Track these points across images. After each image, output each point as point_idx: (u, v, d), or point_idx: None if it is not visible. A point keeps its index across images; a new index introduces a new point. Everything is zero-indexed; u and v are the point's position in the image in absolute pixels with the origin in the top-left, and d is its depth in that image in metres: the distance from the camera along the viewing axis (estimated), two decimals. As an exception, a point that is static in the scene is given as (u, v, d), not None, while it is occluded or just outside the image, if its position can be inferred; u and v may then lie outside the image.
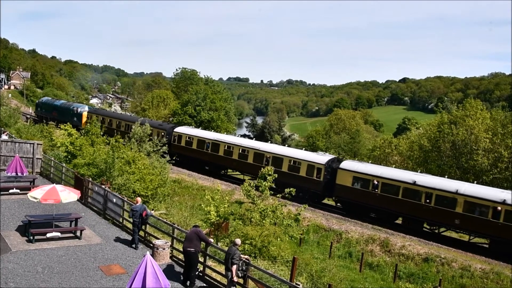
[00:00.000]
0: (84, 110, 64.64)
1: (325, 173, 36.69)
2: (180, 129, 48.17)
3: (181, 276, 15.22)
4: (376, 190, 33.97)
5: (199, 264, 15.92)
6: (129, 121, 53.42)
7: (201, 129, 53.20)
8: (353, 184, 35.27)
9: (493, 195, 29.72)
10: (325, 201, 40.30)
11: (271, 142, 53.14)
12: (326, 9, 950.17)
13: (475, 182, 34.45)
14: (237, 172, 46.01)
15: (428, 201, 31.72)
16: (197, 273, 15.18)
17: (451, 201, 30.70)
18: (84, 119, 61.34)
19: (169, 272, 15.52)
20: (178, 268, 16.37)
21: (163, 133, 47.27)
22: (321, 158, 38.18)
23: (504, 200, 28.87)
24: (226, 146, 43.65)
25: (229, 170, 46.62)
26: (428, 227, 34.05)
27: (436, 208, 31.29)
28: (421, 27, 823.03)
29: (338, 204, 38.35)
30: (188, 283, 14.75)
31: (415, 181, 32.48)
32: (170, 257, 17.05)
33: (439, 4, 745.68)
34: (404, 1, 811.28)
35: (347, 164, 36.88)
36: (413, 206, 32.25)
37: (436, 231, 33.63)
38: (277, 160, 39.19)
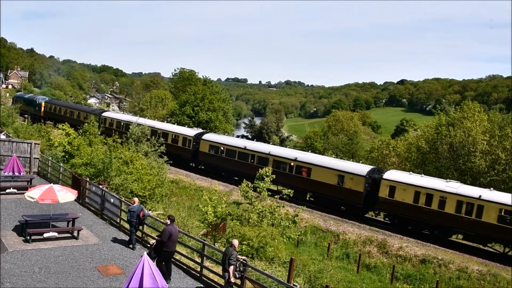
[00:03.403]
0: (44, 100, 75.76)
1: (194, 144, 47.00)
2: (105, 114, 60.74)
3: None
4: (223, 155, 44.05)
5: (196, 265, 16.13)
6: (77, 109, 66.89)
7: (123, 113, 63.03)
8: (209, 150, 45.68)
9: (289, 155, 40.33)
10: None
11: (272, 143, 55.35)
12: (324, 10, 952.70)
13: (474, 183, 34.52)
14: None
15: (252, 161, 41.68)
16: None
17: (266, 160, 40.59)
18: (42, 108, 73.63)
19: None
20: (175, 269, 16.33)
21: (94, 117, 58.94)
22: (192, 131, 49.07)
23: (296, 158, 39.02)
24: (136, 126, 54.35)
25: None
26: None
27: (257, 166, 39.65)
28: (419, 29, 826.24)
29: (202, 167, 48.08)
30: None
31: (245, 146, 42.85)
32: (168, 258, 17.02)
33: (437, 6, 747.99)
34: (403, 3, 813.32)
35: (206, 135, 47.46)
36: (244, 165, 41.88)
37: None
38: (165, 134, 49.30)
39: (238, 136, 71.71)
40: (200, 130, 51.04)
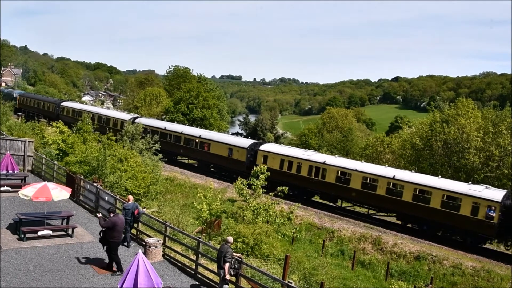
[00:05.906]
0: (19, 94, 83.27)
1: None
2: (63, 103, 68.51)
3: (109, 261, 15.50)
4: (149, 135, 47.87)
5: (191, 262, 16.05)
6: (42, 100, 74.36)
7: (80, 103, 70.28)
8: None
9: (195, 133, 48.04)
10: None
11: (265, 141, 56.48)
12: (319, 7, 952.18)
13: (469, 181, 34.64)
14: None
15: (170, 139, 49.30)
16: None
17: (179, 138, 48.69)
18: (17, 101, 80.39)
19: (161, 270, 15.49)
20: (170, 267, 16.35)
21: (55, 106, 68.10)
22: (127, 116, 56.53)
23: (200, 135, 46.83)
24: (86, 113, 59.87)
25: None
26: (175, 157, 50.25)
27: (173, 143, 48.97)
28: (413, 26, 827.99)
29: None
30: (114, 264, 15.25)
31: (165, 127, 50.66)
32: (163, 255, 17.02)
33: (431, 3, 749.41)
34: (397, 0, 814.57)
35: (139, 119, 53.78)
36: (165, 143, 46.86)
37: (177, 158, 51.05)
38: (107, 119, 57.66)
39: (232, 134, 72.04)
40: (135, 115, 58.03)
